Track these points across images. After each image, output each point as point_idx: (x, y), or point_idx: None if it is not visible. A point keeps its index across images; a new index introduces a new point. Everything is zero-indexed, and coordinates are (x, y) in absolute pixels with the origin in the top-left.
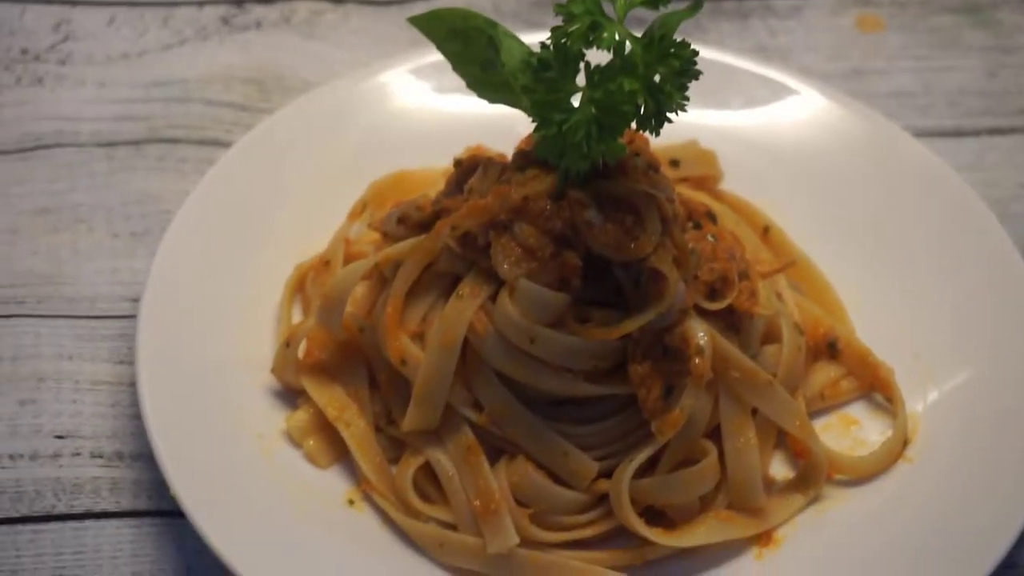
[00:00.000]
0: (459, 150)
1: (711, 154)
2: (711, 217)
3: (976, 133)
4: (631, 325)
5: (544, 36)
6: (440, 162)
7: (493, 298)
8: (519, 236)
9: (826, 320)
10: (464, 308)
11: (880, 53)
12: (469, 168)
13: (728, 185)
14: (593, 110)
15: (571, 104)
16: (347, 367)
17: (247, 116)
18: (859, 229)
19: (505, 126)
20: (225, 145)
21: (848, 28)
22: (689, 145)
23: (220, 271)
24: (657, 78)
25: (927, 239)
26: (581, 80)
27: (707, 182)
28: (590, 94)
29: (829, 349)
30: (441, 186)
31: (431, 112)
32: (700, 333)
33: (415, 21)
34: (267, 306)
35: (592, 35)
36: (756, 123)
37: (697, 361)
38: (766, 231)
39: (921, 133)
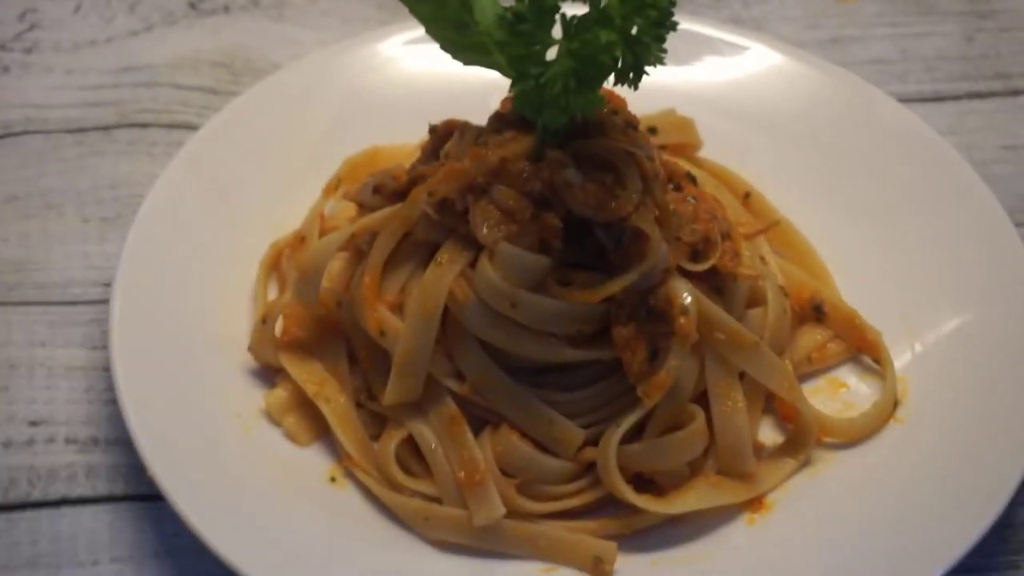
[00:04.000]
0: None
1: (689, 122)
2: (691, 179)
3: (955, 97)
4: (614, 286)
5: None
6: (414, 138)
7: (473, 265)
8: (497, 199)
9: (811, 284)
10: (443, 275)
11: (856, 21)
12: (445, 134)
13: (707, 153)
14: (570, 62)
15: (547, 58)
16: (325, 343)
17: (217, 99)
18: (841, 193)
19: (478, 100)
20: (195, 128)
21: None
22: (667, 113)
23: (193, 252)
24: (635, 30)
25: (909, 200)
26: (557, 34)
27: (686, 149)
28: (567, 46)
29: (815, 312)
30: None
31: (404, 88)
32: (684, 293)
33: None
34: (242, 285)
35: None
36: (733, 91)
37: (682, 321)
38: (747, 196)
39: (900, 99)
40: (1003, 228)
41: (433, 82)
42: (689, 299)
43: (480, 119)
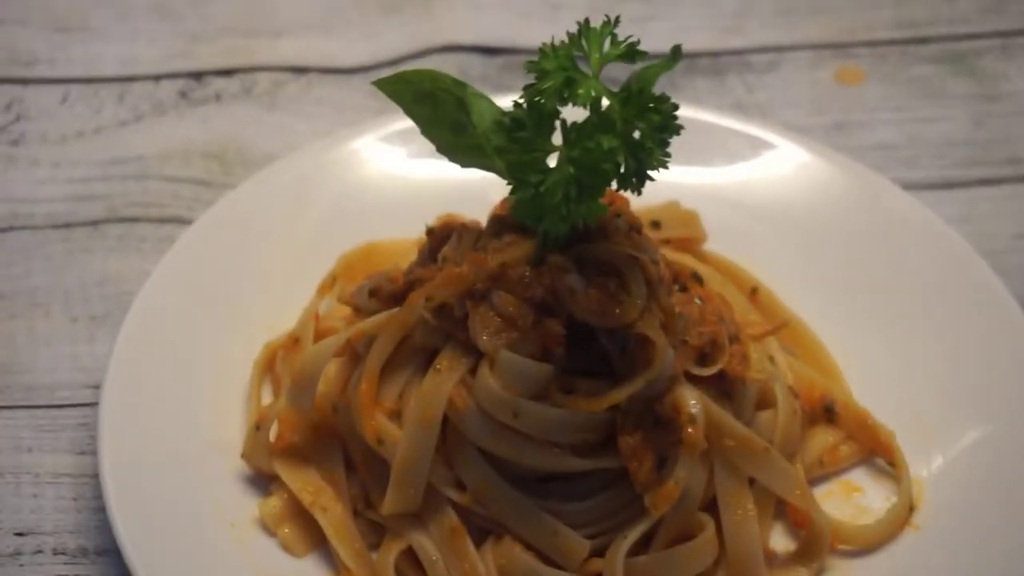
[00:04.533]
0: (430, 219)
1: (693, 214)
2: (697, 279)
3: (965, 184)
4: (619, 395)
5: (515, 98)
6: (411, 232)
7: (473, 372)
8: (498, 305)
9: (821, 382)
10: (442, 383)
11: (861, 105)
12: (442, 236)
13: (712, 246)
14: (571, 169)
15: (548, 165)
16: (321, 449)
17: (208, 192)
18: (850, 287)
19: (477, 192)
20: (186, 222)
21: (827, 81)
22: (670, 206)
23: (185, 353)
24: (637, 134)
25: (921, 294)
26: (557, 139)
27: (690, 244)
28: (567, 153)
29: (826, 413)
30: (414, 256)
31: (400, 180)
32: (692, 401)
33: (381, 84)
34: (236, 388)
35: (567, 91)
36: (738, 181)
37: (690, 430)
38: (754, 292)
39: (908, 186)
40: (1017, 323)
41: (431, 174)
42: (697, 407)
43: (480, 212)
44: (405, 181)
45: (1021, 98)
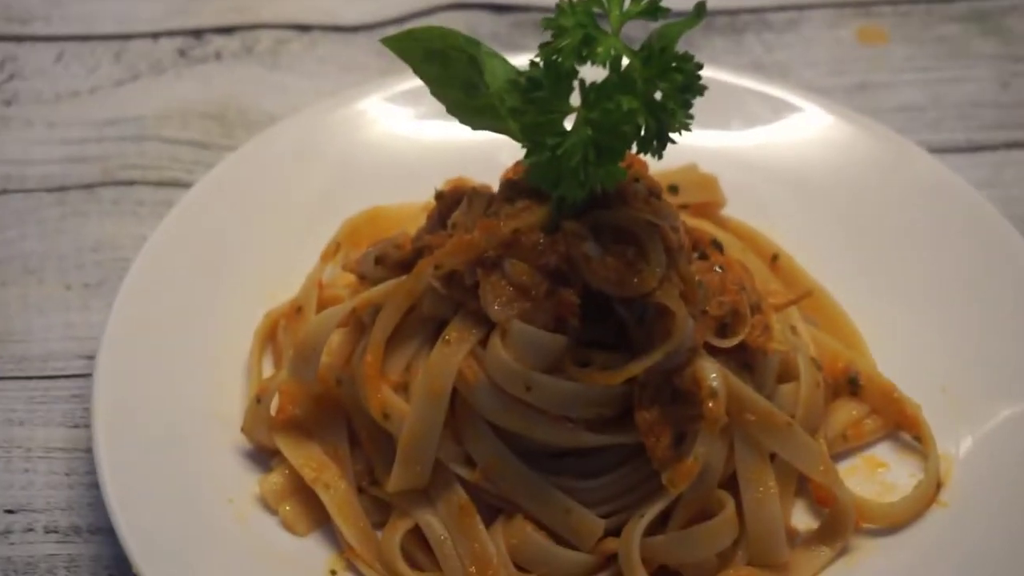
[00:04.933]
0: (439, 182)
1: (712, 179)
2: (717, 246)
3: (992, 147)
4: (637, 368)
5: (528, 58)
6: (419, 197)
7: (483, 343)
8: (510, 273)
9: (845, 354)
10: (452, 354)
11: (884, 66)
12: (452, 201)
13: (731, 211)
14: (590, 131)
15: (564, 127)
16: (324, 423)
17: (208, 154)
18: (874, 255)
19: (488, 155)
20: (185, 186)
21: (849, 41)
22: (688, 169)
23: (183, 322)
24: (658, 95)
25: (948, 263)
26: (575, 100)
27: (709, 209)
28: (586, 114)
29: (850, 385)
30: (422, 222)
31: (407, 143)
32: (712, 374)
33: (388, 42)
34: (235, 358)
35: (586, 50)
36: (758, 144)
37: (710, 405)
38: (775, 259)
39: (933, 149)
40: None
41: (439, 136)
42: (717, 380)
43: (491, 176)
44: (413, 143)
45: None
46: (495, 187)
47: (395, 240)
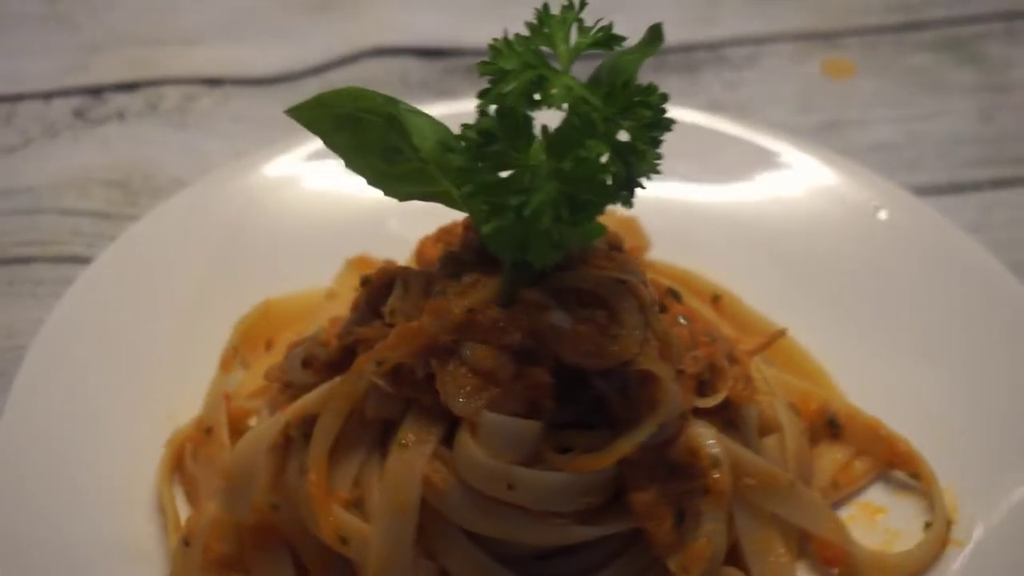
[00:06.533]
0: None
1: (632, 221)
2: (674, 295)
3: (976, 187)
4: (627, 445)
5: (462, 106)
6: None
7: (445, 442)
8: (470, 359)
9: (817, 394)
10: (412, 460)
11: (854, 101)
12: (382, 286)
13: (656, 254)
14: (559, 185)
15: (526, 183)
16: (262, 558)
17: (111, 226)
18: (822, 284)
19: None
20: (87, 261)
21: (814, 75)
22: (607, 214)
23: (83, 430)
24: (623, 135)
25: (910, 293)
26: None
27: (632, 255)
28: (553, 165)
29: (829, 428)
30: (332, 312)
31: (332, 203)
32: (709, 440)
33: (294, 113)
34: (145, 474)
35: (539, 92)
36: (683, 177)
37: (716, 476)
38: (716, 300)
39: (913, 191)
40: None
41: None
42: (716, 447)
43: (378, 246)
44: (337, 203)
45: None
46: (396, 259)
47: (318, 338)
